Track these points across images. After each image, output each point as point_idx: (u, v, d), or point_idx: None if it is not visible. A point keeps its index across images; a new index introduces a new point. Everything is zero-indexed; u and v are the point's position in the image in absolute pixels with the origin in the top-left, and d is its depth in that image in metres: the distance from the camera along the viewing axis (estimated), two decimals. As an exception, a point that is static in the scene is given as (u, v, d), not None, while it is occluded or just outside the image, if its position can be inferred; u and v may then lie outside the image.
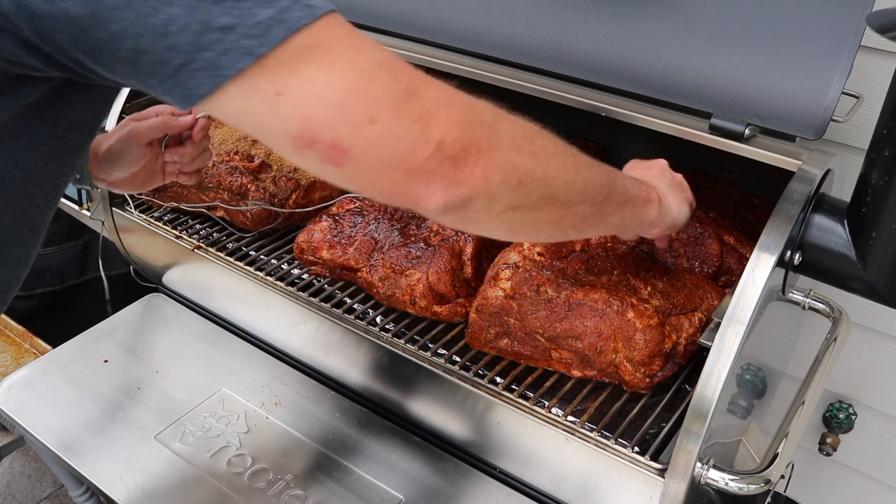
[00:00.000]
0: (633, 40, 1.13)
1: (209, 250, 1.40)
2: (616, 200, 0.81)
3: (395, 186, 0.60)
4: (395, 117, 0.58)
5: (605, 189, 0.78)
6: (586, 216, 0.76)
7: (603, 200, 0.78)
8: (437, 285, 1.21)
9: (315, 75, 0.56)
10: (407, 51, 1.33)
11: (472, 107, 0.63)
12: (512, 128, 0.66)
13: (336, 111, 0.56)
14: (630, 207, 0.85)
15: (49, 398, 1.33)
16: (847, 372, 1.60)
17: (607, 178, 0.79)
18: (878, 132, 0.90)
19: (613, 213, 0.81)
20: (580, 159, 0.75)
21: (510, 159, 0.64)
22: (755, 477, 0.93)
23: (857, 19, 1.00)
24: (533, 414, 1.07)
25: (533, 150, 0.67)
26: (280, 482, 1.18)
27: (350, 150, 0.57)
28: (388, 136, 0.57)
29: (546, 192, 0.69)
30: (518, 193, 0.66)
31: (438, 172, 0.59)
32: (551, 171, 0.69)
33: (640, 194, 0.88)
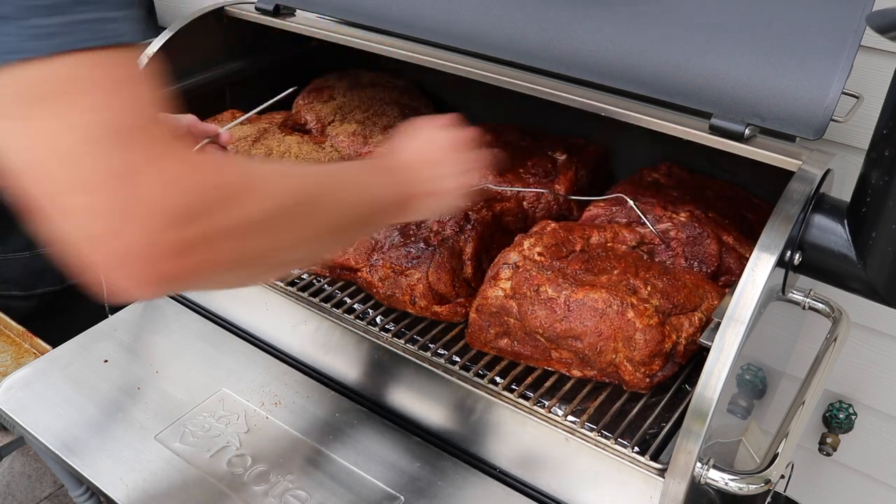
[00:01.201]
0: (633, 40, 1.13)
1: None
2: (366, 223, 0.83)
3: (90, 262, 0.55)
4: (107, 190, 0.52)
5: (355, 223, 0.78)
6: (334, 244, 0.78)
7: (354, 229, 0.80)
8: (437, 285, 1.21)
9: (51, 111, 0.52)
10: (407, 51, 1.33)
11: (216, 184, 0.57)
12: (260, 198, 0.61)
13: (46, 160, 0.52)
14: (379, 219, 0.87)
15: (49, 398, 1.33)
16: (847, 372, 1.60)
17: (357, 210, 0.78)
18: (878, 132, 0.90)
19: (361, 231, 0.83)
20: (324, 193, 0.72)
21: (236, 248, 0.59)
22: (755, 477, 0.93)
23: (857, 19, 1.00)
24: (533, 414, 1.07)
25: (275, 225, 0.63)
26: (280, 482, 1.18)
27: (50, 205, 0.54)
28: (92, 210, 0.53)
29: (266, 263, 0.66)
30: (229, 274, 0.62)
31: (137, 264, 0.54)
32: (286, 236, 0.66)
33: (391, 206, 0.87)
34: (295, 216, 0.66)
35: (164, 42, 1.51)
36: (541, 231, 1.22)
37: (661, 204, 1.29)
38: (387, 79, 1.79)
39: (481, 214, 1.28)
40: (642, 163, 1.48)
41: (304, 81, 1.78)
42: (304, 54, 1.81)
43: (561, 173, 1.46)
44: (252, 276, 0.68)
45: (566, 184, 1.44)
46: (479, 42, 1.26)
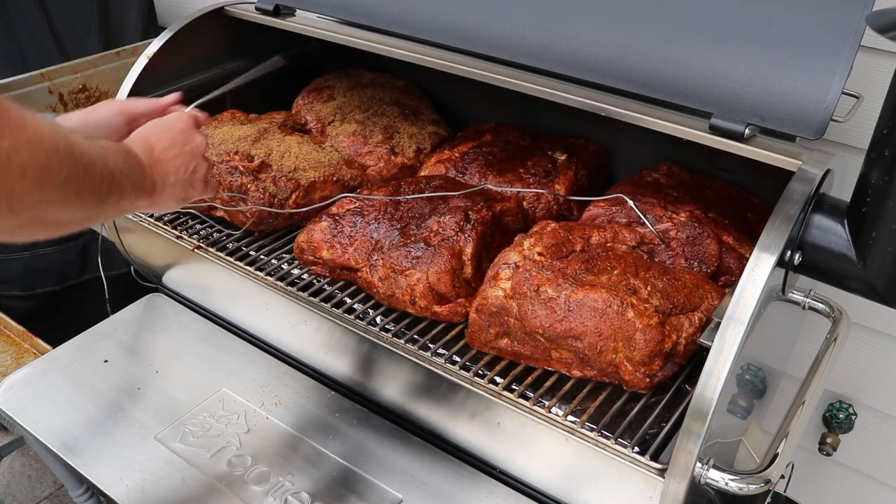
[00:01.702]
0: (633, 40, 1.13)
1: (209, 250, 1.40)
2: (114, 194, 0.83)
3: None
4: None
5: (106, 185, 0.80)
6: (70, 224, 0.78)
7: (105, 196, 0.81)
8: (437, 285, 1.21)
9: None
10: (407, 51, 1.33)
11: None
12: (30, 142, 0.66)
13: None
14: (126, 197, 0.88)
15: (49, 398, 1.33)
16: (847, 372, 1.60)
17: (109, 175, 0.81)
18: (878, 132, 0.90)
19: (107, 203, 0.83)
20: (90, 161, 0.76)
21: (4, 187, 0.65)
22: (755, 477, 0.93)
23: (857, 19, 1.00)
24: (533, 414, 1.07)
25: (43, 175, 0.68)
26: (280, 482, 1.18)
27: None
28: None
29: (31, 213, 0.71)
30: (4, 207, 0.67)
31: None
32: (51, 190, 0.71)
33: (138, 189, 0.91)
34: (61, 174, 0.70)
35: (164, 42, 1.51)
36: (541, 231, 1.22)
37: (661, 204, 1.29)
38: (387, 79, 1.79)
39: (481, 214, 1.28)
40: (642, 163, 1.48)
41: (304, 81, 1.78)
42: (304, 54, 1.81)
43: (561, 173, 1.46)
44: (19, 226, 0.72)
45: (566, 184, 1.44)
46: (479, 42, 1.26)
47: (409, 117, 1.66)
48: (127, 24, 2.26)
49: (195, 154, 1.03)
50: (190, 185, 1.03)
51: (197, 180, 1.04)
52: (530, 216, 1.40)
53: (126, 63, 1.93)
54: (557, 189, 1.43)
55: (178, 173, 1.00)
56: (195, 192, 1.05)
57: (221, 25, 1.60)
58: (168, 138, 1.01)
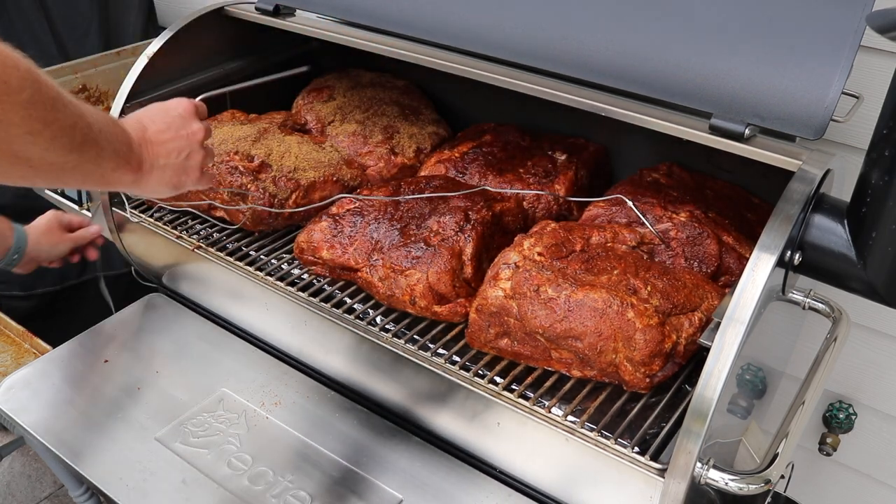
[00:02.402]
0: (633, 40, 1.13)
1: (209, 250, 1.40)
2: (92, 148, 0.83)
3: None
4: None
5: (76, 146, 0.80)
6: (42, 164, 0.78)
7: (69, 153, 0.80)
8: (437, 285, 1.21)
9: None
10: (407, 51, 1.33)
11: None
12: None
13: None
14: (107, 159, 0.87)
15: (49, 398, 1.33)
16: (847, 372, 1.60)
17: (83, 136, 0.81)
18: (878, 132, 0.90)
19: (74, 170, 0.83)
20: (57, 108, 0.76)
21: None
22: (755, 477, 0.93)
23: (857, 19, 1.00)
24: (533, 414, 1.07)
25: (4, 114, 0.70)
26: (280, 482, 1.18)
27: None
28: None
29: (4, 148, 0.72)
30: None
31: None
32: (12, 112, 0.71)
33: (119, 158, 0.89)
34: (21, 95, 0.71)
35: (164, 42, 1.51)
36: (541, 231, 1.22)
37: (661, 204, 1.29)
38: (387, 79, 1.79)
39: (481, 214, 1.28)
40: (642, 163, 1.48)
41: (304, 81, 1.78)
42: (305, 54, 1.81)
43: (561, 173, 1.46)
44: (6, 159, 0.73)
45: (566, 184, 1.44)
46: (479, 42, 1.26)
47: (409, 117, 1.66)
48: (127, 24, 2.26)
49: (190, 140, 1.01)
50: (182, 172, 1.01)
51: (191, 167, 1.02)
52: (530, 216, 1.40)
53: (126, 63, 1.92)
54: (557, 189, 1.43)
55: (170, 157, 0.98)
56: (189, 179, 1.02)
57: (221, 25, 1.60)
58: (163, 121, 0.99)
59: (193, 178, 1.03)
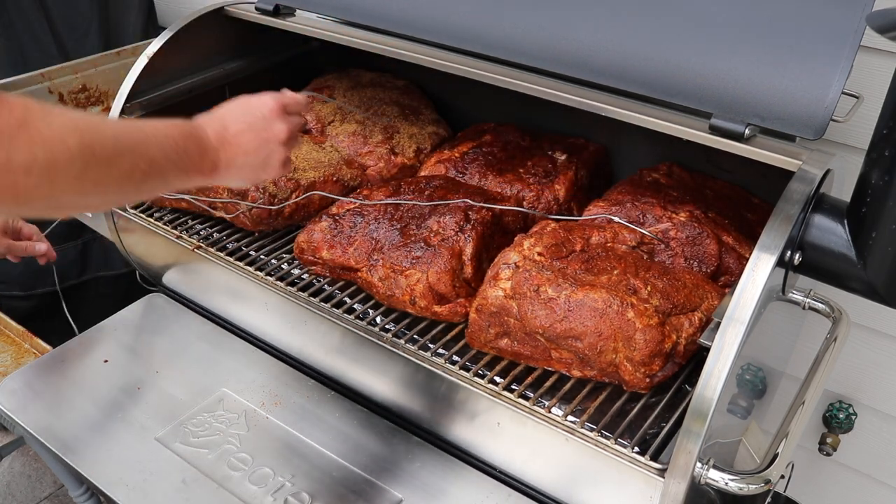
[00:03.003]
0: (633, 40, 1.13)
1: (209, 250, 1.40)
2: (157, 180, 0.85)
3: None
4: None
5: (140, 173, 0.81)
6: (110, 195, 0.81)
7: (140, 182, 0.82)
8: (437, 285, 1.21)
9: None
10: (407, 51, 1.33)
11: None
12: (30, 142, 0.67)
13: None
14: (174, 180, 0.89)
15: (49, 398, 1.33)
16: (847, 372, 1.60)
17: (146, 163, 0.82)
18: (878, 132, 0.90)
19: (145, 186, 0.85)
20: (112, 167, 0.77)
21: (8, 181, 0.67)
22: (755, 477, 0.93)
23: (857, 19, 1.00)
24: (533, 414, 1.07)
25: (49, 170, 0.69)
26: (280, 482, 1.18)
27: None
28: None
29: (49, 202, 0.73)
30: (8, 202, 0.70)
31: None
32: (63, 183, 0.72)
33: (190, 172, 0.91)
34: (72, 170, 0.71)
35: (164, 42, 1.51)
36: (541, 231, 1.22)
37: (661, 204, 1.29)
38: (387, 79, 1.79)
39: (481, 214, 1.28)
40: (642, 163, 1.48)
41: (304, 81, 1.78)
42: (305, 54, 1.81)
43: (561, 173, 1.46)
44: (34, 208, 0.74)
45: (566, 184, 1.44)
46: (479, 42, 1.26)
47: (409, 117, 1.66)
48: (127, 24, 2.26)
49: (272, 140, 1.02)
50: (261, 169, 1.03)
51: (271, 165, 1.04)
52: (530, 216, 1.40)
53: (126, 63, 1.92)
54: (557, 189, 1.43)
55: (248, 157, 1.00)
56: (267, 175, 1.05)
57: (221, 25, 1.60)
58: (245, 122, 1.00)
59: (273, 174, 1.05)
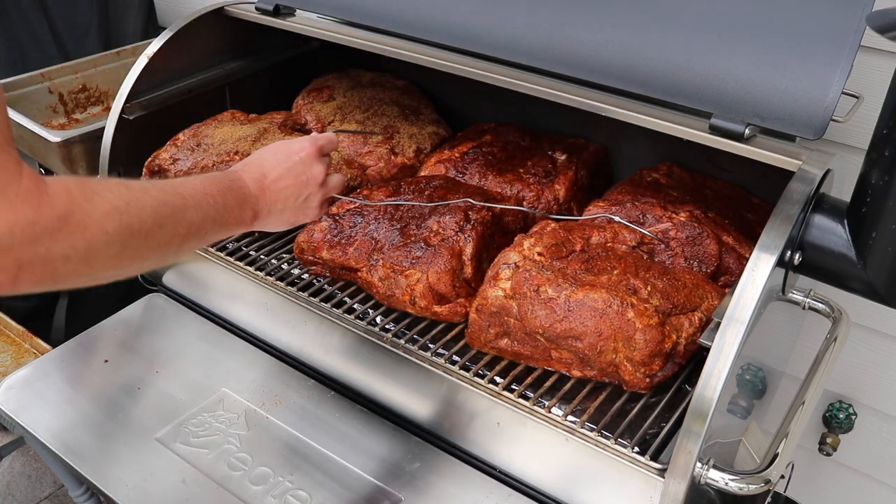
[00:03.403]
0: (633, 40, 1.13)
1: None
2: (194, 240, 0.88)
3: None
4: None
5: (177, 249, 0.85)
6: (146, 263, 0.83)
7: (179, 246, 0.85)
8: (437, 285, 1.21)
9: None
10: (407, 51, 1.33)
11: (29, 223, 0.66)
12: (70, 236, 0.70)
13: None
14: (213, 234, 0.92)
15: (49, 398, 1.33)
16: (847, 372, 1.60)
17: (183, 239, 0.85)
18: (878, 132, 0.90)
19: (183, 248, 0.87)
20: (150, 239, 0.79)
21: (47, 270, 0.69)
22: (755, 477, 0.93)
23: (857, 19, 1.00)
24: (533, 414, 1.07)
25: (87, 257, 0.72)
26: (280, 482, 1.18)
27: None
28: None
29: (84, 279, 0.76)
30: (45, 285, 0.72)
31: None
32: (99, 264, 0.75)
33: (229, 224, 0.94)
34: (109, 252, 0.74)
35: (164, 42, 1.51)
36: (541, 231, 1.22)
37: (661, 204, 1.29)
38: (387, 79, 1.79)
39: (481, 214, 1.28)
40: (642, 163, 1.48)
41: (304, 81, 1.78)
42: (304, 54, 1.81)
43: (561, 173, 1.46)
44: (70, 285, 0.76)
45: (566, 184, 1.44)
46: (479, 42, 1.26)
47: (409, 117, 1.66)
48: (127, 24, 2.26)
49: (310, 184, 1.05)
50: (300, 212, 1.06)
51: (309, 208, 1.06)
52: (530, 216, 1.40)
53: (126, 63, 1.93)
54: (557, 189, 1.43)
55: (288, 202, 1.02)
56: (306, 218, 1.07)
57: (221, 25, 1.60)
58: (284, 167, 1.02)
59: (311, 216, 1.08)
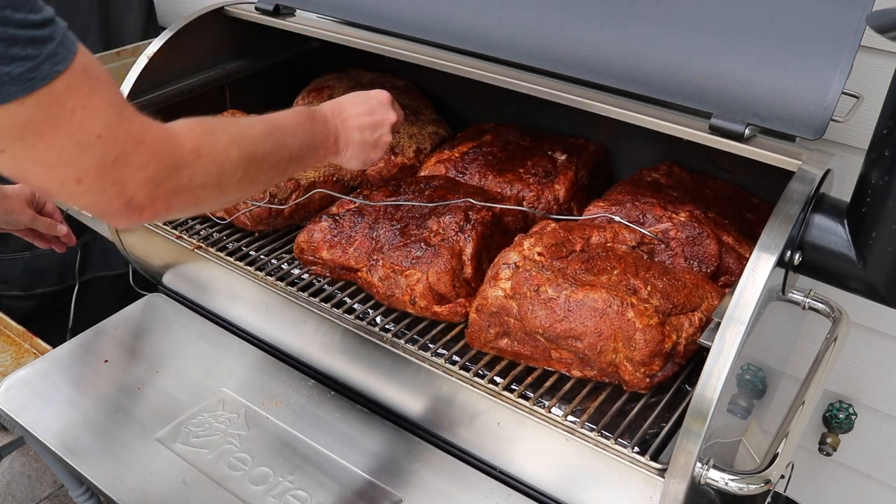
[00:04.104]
0: (633, 40, 1.13)
1: (209, 250, 1.40)
2: (287, 174, 1.02)
3: (92, 214, 0.80)
4: (97, 181, 0.73)
5: (280, 174, 0.98)
6: (257, 193, 1.00)
7: (274, 181, 0.99)
8: (437, 285, 1.21)
9: (35, 142, 0.69)
10: (407, 51, 1.33)
11: (172, 163, 0.78)
12: (204, 171, 0.82)
13: (48, 171, 0.71)
14: (308, 160, 1.06)
15: (49, 398, 1.33)
16: (847, 372, 1.60)
17: (286, 165, 0.98)
18: (878, 132, 0.90)
19: (280, 181, 1.10)
20: (264, 164, 0.92)
21: (192, 197, 0.82)
22: (755, 477, 0.93)
23: (857, 19, 1.00)
24: (533, 414, 1.07)
25: (219, 182, 0.85)
26: (280, 482, 1.18)
27: (57, 195, 0.74)
28: (88, 193, 0.74)
29: (221, 203, 0.93)
30: (193, 211, 0.88)
31: (124, 215, 0.78)
32: (231, 191, 0.88)
33: (318, 157, 1.08)
34: (234, 174, 0.87)
35: (164, 42, 1.51)
36: (541, 231, 1.22)
37: (661, 204, 1.29)
38: (387, 79, 1.79)
39: (481, 214, 1.28)
40: (642, 163, 1.48)
41: (304, 81, 1.78)
42: (305, 54, 1.81)
43: (561, 173, 1.46)
44: (209, 208, 0.90)
45: (566, 184, 1.44)
46: (479, 42, 1.26)
47: (408, 117, 1.66)
48: (127, 24, 2.25)
49: (383, 122, 1.16)
50: (372, 148, 1.16)
51: (380, 144, 1.18)
52: (530, 216, 1.40)
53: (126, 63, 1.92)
54: (557, 189, 1.43)
55: (364, 134, 1.14)
56: (376, 155, 1.18)
57: (221, 25, 1.60)
58: (361, 107, 1.15)
59: (380, 154, 1.19)
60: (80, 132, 0.70)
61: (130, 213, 0.77)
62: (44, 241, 1.51)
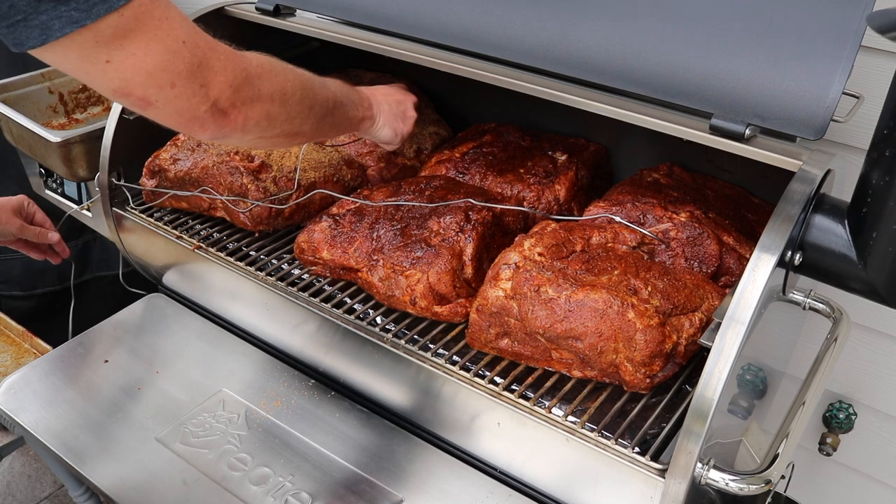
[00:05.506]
0: (633, 40, 1.13)
1: (209, 250, 1.40)
2: (335, 121, 1.15)
3: (181, 125, 0.88)
4: (187, 84, 0.84)
5: (328, 114, 1.11)
6: (311, 133, 1.10)
7: (325, 121, 1.11)
8: (438, 286, 1.21)
9: (135, 50, 0.80)
10: (407, 51, 1.33)
11: (244, 71, 0.90)
12: (270, 84, 0.95)
13: (148, 78, 0.82)
14: (345, 126, 1.21)
15: (49, 398, 1.33)
16: (847, 372, 1.60)
17: (333, 106, 1.12)
18: (878, 132, 0.90)
19: (330, 129, 1.17)
20: (315, 95, 1.06)
21: (264, 109, 0.94)
22: (755, 477, 0.93)
23: (857, 19, 1.00)
24: (533, 414, 1.07)
25: (283, 99, 0.98)
26: (280, 482, 1.18)
27: (154, 103, 0.84)
28: (181, 96, 0.84)
29: (285, 128, 1.01)
30: (264, 130, 0.97)
31: (211, 121, 0.88)
32: (293, 112, 1.01)
33: (356, 115, 1.22)
34: (294, 95, 1.00)
35: (164, 42, 1.51)
36: (541, 231, 1.22)
37: (662, 204, 1.29)
38: (387, 79, 1.78)
39: (482, 215, 1.28)
40: (642, 163, 1.48)
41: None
42: (305, 54, 1.81)
43: (561, 173, 1.46)
44: (268, 139, 1.01)
45: (566, 184, 1.44)
46: (479, 42, 1.26)
47: (409, 117, 1.66)
48: (127, 23, 2.25)
49: (407, 100, 1.36)
50: (401, 119, 1.33)
51: (408, 118, 1.35)
52: (531, 216, 1.40)
53: (126, 63, 1.92)
54: (558, 189, 1.43)
55: (392, 106, 1.31)
56: (406, 128, 1.35)
57: (221, 25, 1.59)
58: (386, 88, 1.35)
59: (409, 127, 1.35)
60: (169, 38, 0.81)
61: (216, 117, 0.88)
62: (38, 252, 1.52)
